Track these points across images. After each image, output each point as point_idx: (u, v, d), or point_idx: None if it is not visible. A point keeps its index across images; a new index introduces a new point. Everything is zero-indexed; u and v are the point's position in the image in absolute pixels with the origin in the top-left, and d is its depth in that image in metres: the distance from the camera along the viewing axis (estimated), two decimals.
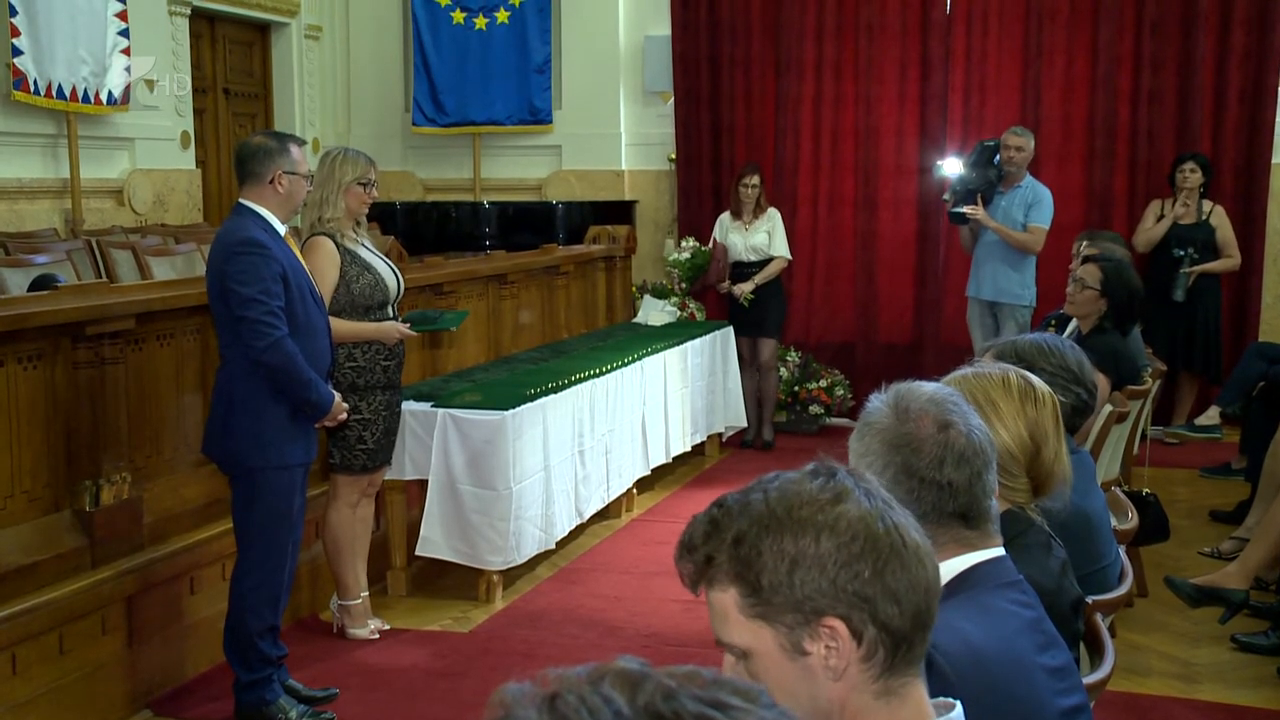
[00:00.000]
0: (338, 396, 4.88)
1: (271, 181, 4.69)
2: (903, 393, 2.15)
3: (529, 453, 6.23)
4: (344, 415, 4.96)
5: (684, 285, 9.67)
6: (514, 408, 6.10)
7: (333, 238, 5.42)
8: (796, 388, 9.74)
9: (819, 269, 10.50)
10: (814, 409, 9.68)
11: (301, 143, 4.88)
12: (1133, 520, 3.81)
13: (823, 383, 9.78)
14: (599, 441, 7.07)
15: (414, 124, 11.95)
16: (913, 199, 10.28)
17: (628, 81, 11.54)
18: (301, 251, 5.05)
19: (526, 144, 11.84)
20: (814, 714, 1.54)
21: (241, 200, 4.73)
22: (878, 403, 2.15)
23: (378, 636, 5.63)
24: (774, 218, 9.26)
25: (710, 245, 9.43)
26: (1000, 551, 2.19)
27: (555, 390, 6.58)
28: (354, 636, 5.62)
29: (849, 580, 1.49)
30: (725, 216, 9.37)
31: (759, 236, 9.18)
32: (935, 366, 9.87)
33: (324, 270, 5.30)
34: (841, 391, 9.78)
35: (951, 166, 9.75)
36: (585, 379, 6.95)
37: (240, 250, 4.54)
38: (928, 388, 2.17)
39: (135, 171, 10.02)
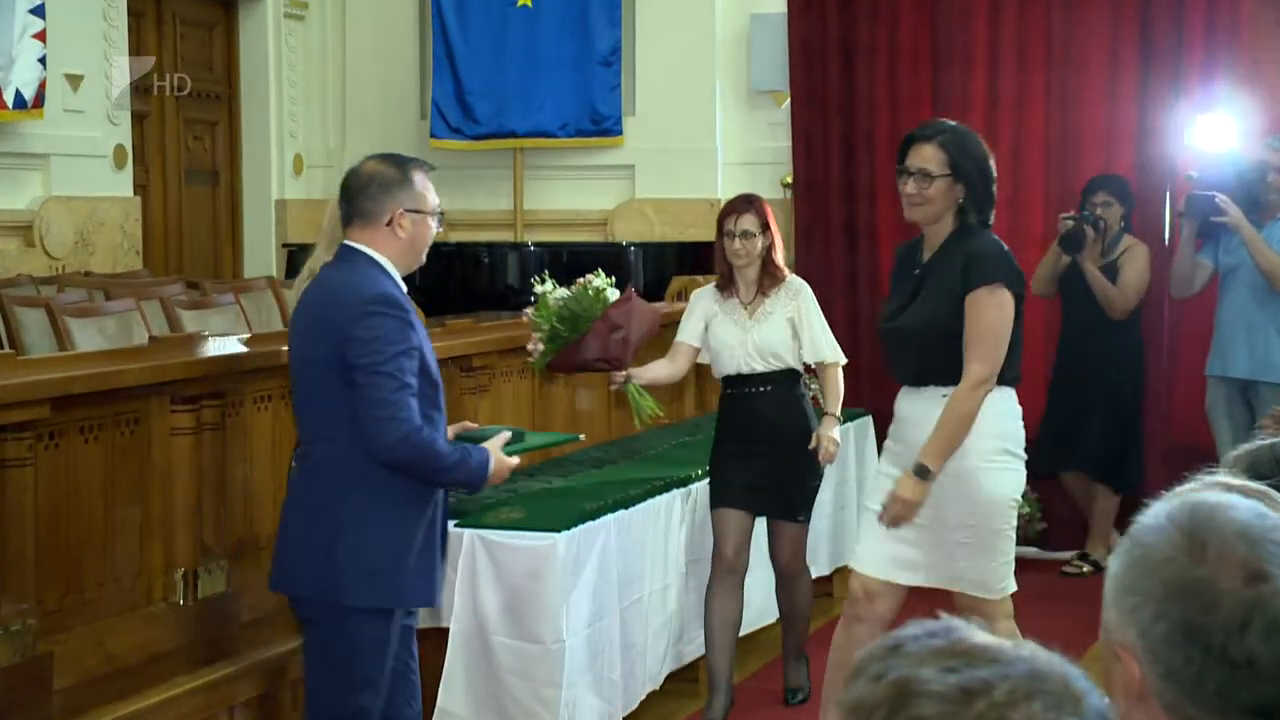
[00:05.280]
0: (490, 452, 5.02)
1: (389, 223, 4.82)
2: (1203, 513, 2.01)
3: (588, 592, 6.19)
4: (514, 461, 5.22)
5: (538, 349, 6.66)
6: (569, 529, 6.08)
7: None
8: None
9: None
10: None
11: (428, 169, 5.03)
12: None
13: None
14: (684, 576, 7.05)
15: (433, 136, 12.06)
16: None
17: (726, 78, 11.59)
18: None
19: (587, 163, 11.92)
20: None
21: (351, 243, 4.83)
22: (1162, 520, 2.02)
23: None
24: (800, 293, 7.04)
25: (625, 291, 6.89)
26: None
27: (625, 504, 6.56)
28: None
29: None
30: (708, 291, 7.19)
31: (773, 330, 6.95)
32: (1160, 477, 9.61)
33: None
34: (1028, 509, 9.61)
35: (1213, 131, 9.46)
36: (666, 489, 6.93)
37: (375, 309, 4.68)
38: (1241, 511, 2.02)
39: (50, 200, 10.16)
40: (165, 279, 10.25)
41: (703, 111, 11.66)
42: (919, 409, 5.70)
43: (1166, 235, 9.79)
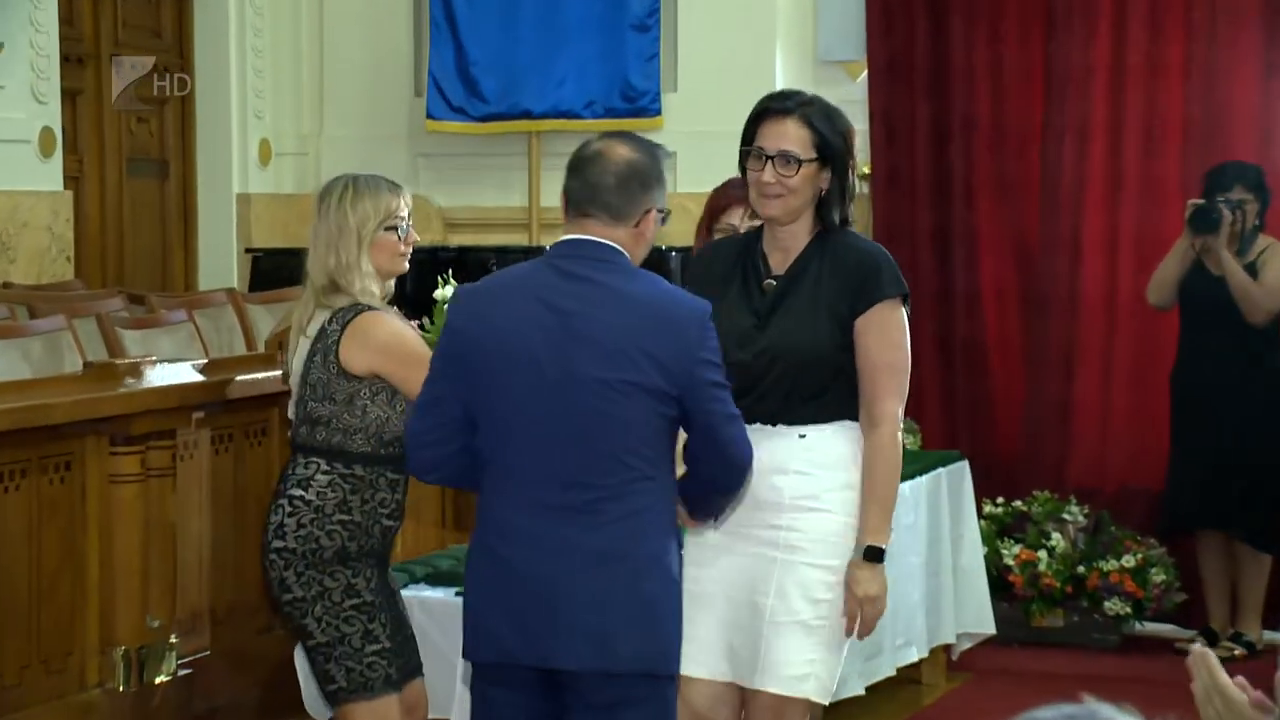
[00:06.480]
0: None
1: (638, 223, 4.88)
2: None
3: None
4: None
5: None
6: None
7: None
8: (1082, 568, 9.58)
9: (1120, 369, 10.34)
10: (1113, 605, 9.50)
11: (667, 155, 5.11)
12: None
13: (1128, 560, 9.62)
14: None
15: (430, 117, 12.09)
16: None
17: (788, 45, 11.60)
18: (343, 338, 5.47)
19: None
20: None
21: (597, 238, 4.84)
22: None
23: None
24: None
25: None
26: None
27: None
28: None
29: None
30: None
31: None
32: None
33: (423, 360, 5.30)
34: (1164, 577, 9.59)
35: None
36: None
37: (711, 324, 4.88)
38: None
39: None
40: (103, 292, 10.26)
41: (759, 86, 11.49)
42: (771, 454, 5.33)
43: None
